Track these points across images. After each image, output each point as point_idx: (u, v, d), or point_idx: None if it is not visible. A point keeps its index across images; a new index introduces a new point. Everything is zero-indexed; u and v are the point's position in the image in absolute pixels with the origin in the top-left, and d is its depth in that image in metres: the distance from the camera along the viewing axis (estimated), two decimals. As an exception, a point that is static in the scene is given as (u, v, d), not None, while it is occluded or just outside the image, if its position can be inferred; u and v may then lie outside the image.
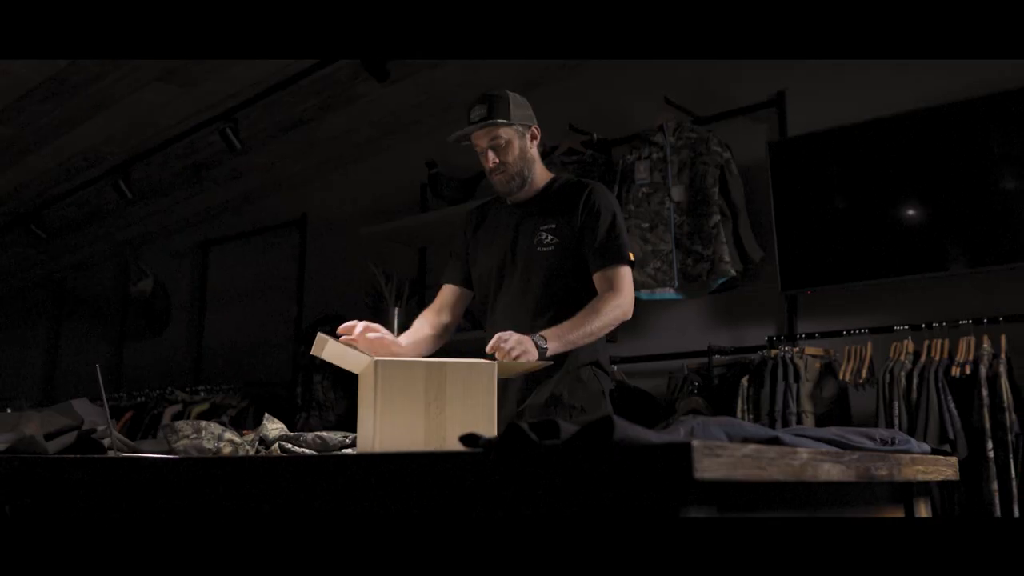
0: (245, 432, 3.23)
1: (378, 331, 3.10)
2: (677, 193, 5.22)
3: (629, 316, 3.44)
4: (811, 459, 1.60)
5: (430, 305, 3.82)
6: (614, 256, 3.46)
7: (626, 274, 3.46)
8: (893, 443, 2.22)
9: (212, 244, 8.79)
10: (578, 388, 3.46)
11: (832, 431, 2.14)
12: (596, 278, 3.48)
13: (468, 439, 1.58)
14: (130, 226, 8.94)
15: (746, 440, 1.80)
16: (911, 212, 4.71)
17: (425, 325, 3.69)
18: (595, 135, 5.74)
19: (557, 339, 3.20)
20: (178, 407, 7.34)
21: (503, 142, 3.53)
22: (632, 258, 3.50)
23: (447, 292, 3.84)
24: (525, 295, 3.53)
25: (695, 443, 1.29)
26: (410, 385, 2.47)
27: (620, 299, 3.39)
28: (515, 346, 2.96)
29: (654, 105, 5.49)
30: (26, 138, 6.69)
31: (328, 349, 2.77)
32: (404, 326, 6.39)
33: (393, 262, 6.79)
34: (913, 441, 2.28)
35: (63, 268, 10.27)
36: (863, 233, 4.80)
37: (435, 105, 6.30)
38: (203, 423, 3.00)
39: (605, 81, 5.96)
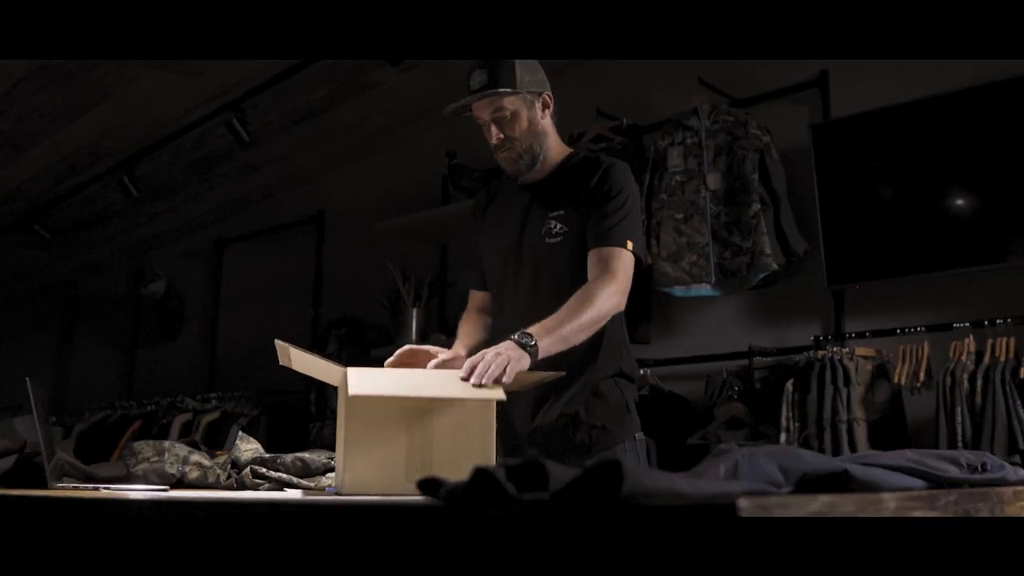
0: (218, 453, 2.86)
1: (420, 353, 2.74)
2: (713, 181, 4.88)
3: (622, 307, 2.94)
4: (899, 508, 1.19)
5: (468, 308, 3.35)
6: (612, 237, 2.96)
7: (624, 258, 2.95)
8: (984, 469, 1.80)
9: (226, 243, 8.52)
10: (596, 403, 2.99)
11: (908, 456, 1.72)
12: (589, 258, 2.99)
13: (427, 485, 1.16)
14: (140, 225, 8.65)
15: (806, 475, 1.39)
16: (968, 199, 4.41)
17: (473, 329, 3.21)
18: (624, 120, 5.40)
19: (547, 333, 2.69)
20: (188, 416, 7.03)
21: (508, 114, 3.03)
22: (630, 248, 2.97)
23: (476, 298, 3.37)
24: (535, 296, 3.04)
25: (742, 502, 0.87)
26: (387, 403, 2.05)
27: (613, 284, 2.89)
28: (492, 366, 2.41)
29: (687, 87, 5.16)
30: (22, 133, 6.39)
31: (295, 358, 2.35)
32: (423, 329, 6.13)
33: (414, 260, 6.51)
34: (1008, 466, 1.86)
35: (73, 270, 10.00)
36: (916, 222, 4.48)
37: (453, 92, 5.93)
38: (167, 444, 2.64)
39: (634, 63, 5.57)
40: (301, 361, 2.36)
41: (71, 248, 9.14)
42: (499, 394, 2.21)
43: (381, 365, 2.74)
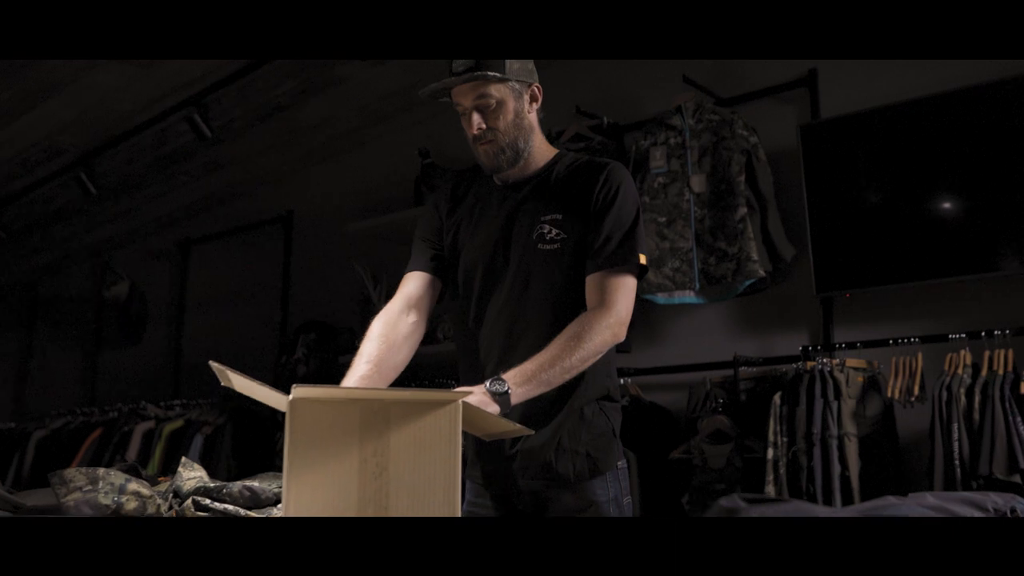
0: (161, 479, 2.63)
1: None
2: (698, 183, 4.70)
3: (621, 338, 2.69)
4: None
5: (387, 305, 2.92)
6: (618, 258, 2.71)
7: (627, 285, 2.71)
8: (1014, 515, 1.60)
9: (192, 244, 8.33)
10: (581, 428, 2.74)
11: (930, 503, 1.54)
12: (588, 282, 2.73)
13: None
14: (102, 225, 8.42)
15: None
16: (962, 203, 4.23)
17: (374, 345, 2.78)
18: (605, 119, 5.23)
19: (526, 380, 2.48)
20: (150, 424, 6.80)
21: (493, 102, 2.76)
22: (644, 262, 2.75)
23: (411, 283, 2.96)
24: (523, 307, 2.78)
25: None
26: (336, 433, 1.82)
27: (610, 317, 2.65)
28: None
29: (671, 85, 4.99)
30: (-27, 127, 6.15)
31: (235, 381, 2.12)
32: None
33: (386, 262, 6.22)
34: (1039, 509, 1.66)
35: (33, 271, 9.78)
36: (908, 227, 4.33)
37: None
38: (102, 471, 2.39)
39: (616, 59, 5.38)
40: (243, 385, 2.13)
41: (30, 248, 8.92)
42: (461, 397, 1.97)
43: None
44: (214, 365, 2.11)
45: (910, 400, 4.03)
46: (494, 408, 2.36)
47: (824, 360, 4.22)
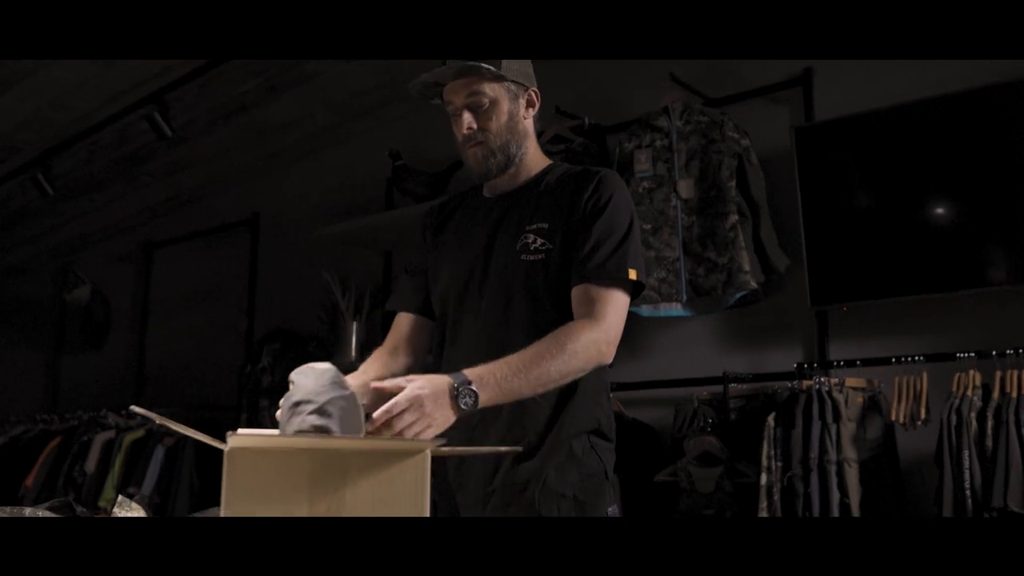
0: (98, 515, 2.37)
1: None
2: (685, 188, 4.50)
3: (608, 359, 2.46)
4: None
5: (382, 344, 2.81)
6: (606, 270, 2.49)
7: (617, 300, 2.48)
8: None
9: (156, 247, 8.16)
10: (570, 467, 2.49)
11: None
12: (573, 295, 2.51)
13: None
14: (63, 227, 8.28)
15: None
16: (967, 211, 4.03)
17: (375, 366, 2.70)
18: (587, 119, 5.01)
19: (495, 383, 2.23)
20: (110, 434, 6.58)
21: (486, 101, 2.58)
22: (635, 277, 2.52)
23: (402, 324, 2.82)
24: (502, 324, 2.56)
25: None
26: (282, 488, 1.56)
27: (599, 332, 2.42)
28: (414, 419, 2.03)
29: (657, 84, 4.79)
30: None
31: (170, 424, 1.88)
32: (364, 344, 5.68)
33: (356, 268, 6.12)
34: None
35: (-7, 274, 9.57)
36: (910, 237, 4.12)
37: (404, 85, 5.55)
38: (28, 511, 2.16)
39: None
40: (177, 427, 1.88)
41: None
42: (427, 446, 1.72)
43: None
44: (137, 410, 1.87)
45: (916, 424, 3.81)
46: (448, 411, 2.14)
47: (821, 379, 3.98)
